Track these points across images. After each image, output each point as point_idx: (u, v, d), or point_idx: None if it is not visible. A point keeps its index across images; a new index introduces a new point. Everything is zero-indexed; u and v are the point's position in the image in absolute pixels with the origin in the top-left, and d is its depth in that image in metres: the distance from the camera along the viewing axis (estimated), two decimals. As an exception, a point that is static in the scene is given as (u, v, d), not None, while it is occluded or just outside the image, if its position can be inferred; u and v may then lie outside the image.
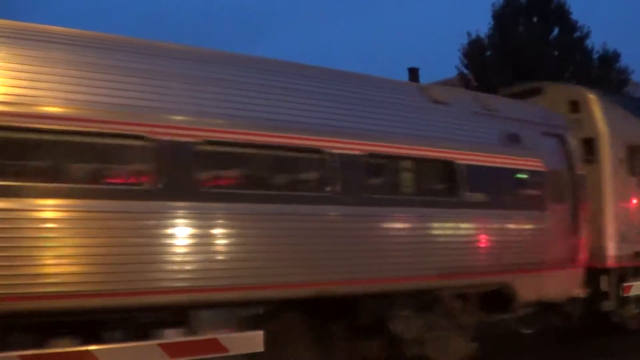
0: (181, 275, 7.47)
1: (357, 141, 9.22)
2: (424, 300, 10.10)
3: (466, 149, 10.62)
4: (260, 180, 8.76)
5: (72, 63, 7.39)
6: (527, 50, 28.33)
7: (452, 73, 33.44)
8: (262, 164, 8.85)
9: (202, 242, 7.75)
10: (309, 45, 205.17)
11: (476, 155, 10.74)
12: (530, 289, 11.57)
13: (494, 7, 30.14)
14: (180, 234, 7.60)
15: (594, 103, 14.01)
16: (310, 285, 8.47)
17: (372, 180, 9.76)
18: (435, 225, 10.18)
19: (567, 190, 12.45)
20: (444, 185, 10.71)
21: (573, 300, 13.18)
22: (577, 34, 29.57)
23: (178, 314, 7.54)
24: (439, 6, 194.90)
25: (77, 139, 7.27)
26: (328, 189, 8.91)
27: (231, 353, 7.21)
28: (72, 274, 6.90)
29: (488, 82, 29.43)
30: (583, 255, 12.67)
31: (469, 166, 10.55)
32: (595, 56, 29.86)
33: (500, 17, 29.93)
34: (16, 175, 6.88)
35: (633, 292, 14.37)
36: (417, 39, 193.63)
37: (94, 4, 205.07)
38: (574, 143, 12.80)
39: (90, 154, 7.58)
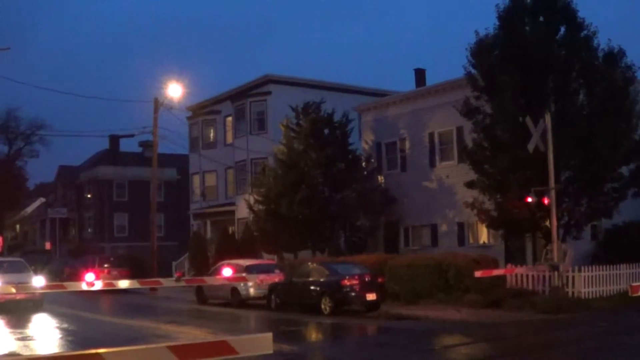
0: None
1: None
2: None
3: None
4: None
5: None
6: (534, 50, 28.30)
7: (459, 74, 33.50)
8: None
9: None
10: (314, 47, 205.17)
11: None
12: None
13: (498, 7, 30.12)
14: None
15: None
16: None
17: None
18: None
19: None
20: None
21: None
22: (584, 32, 29.51)
23: None
24: (445, 7, 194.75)
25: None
26: None
27: (240, 355, 7.20)
28: None
29: (495, 82, 29.44)
30: None
31: None
32: (600, 54, 29.78)
33: (505, 18, 29.89)
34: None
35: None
36: (424, 40, 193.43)
37: (93, 7, 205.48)
38: None
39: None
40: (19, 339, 20.81)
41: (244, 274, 29.78)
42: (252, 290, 32.10)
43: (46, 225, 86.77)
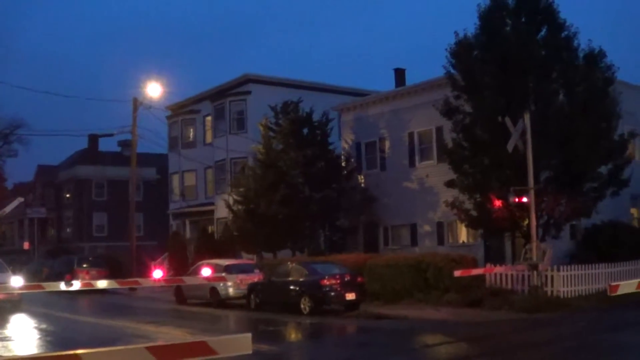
0: None
1: None
2: None
3: None
4: None
5: None
6: (514, 50, 28.32)
7: (439, 73, 33.52)
8: None
9: None
10: (295, 48, 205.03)
11: None
12: None
13: (479, 7, 30.07)
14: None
15: None
16: None
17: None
18: None
19: None
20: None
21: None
22: (565, 33, 29.55)
23: None
24: (424, 7, 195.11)
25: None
26: None
27: (220, 355, 7.16)
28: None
29: (475, 81, 29.47)
30: None
31: None
32: (580, 54, 29.83)
33: (486, 17, 29.87)
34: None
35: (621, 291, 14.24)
36: (403, 40, 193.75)
37: (74, 7, 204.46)
38: None
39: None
40: (-4, 340, 20.66)
41: (223, 274, 29.78)
42: (231, 290, 32.05)
43: (25, 225, 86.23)
